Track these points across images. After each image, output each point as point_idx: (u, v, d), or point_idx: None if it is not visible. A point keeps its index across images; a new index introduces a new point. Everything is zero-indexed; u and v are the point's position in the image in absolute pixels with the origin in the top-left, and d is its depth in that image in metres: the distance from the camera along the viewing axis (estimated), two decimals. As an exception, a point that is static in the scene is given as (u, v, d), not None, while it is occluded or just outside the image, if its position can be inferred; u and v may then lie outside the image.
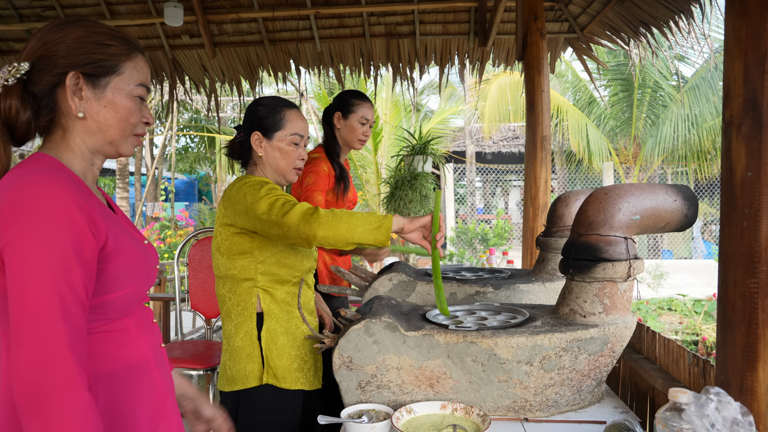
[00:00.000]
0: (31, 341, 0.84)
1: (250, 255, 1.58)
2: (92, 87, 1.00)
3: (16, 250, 0.86)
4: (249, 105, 1.71)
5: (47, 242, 0.87)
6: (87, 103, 1.00)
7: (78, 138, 1.01)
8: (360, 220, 1.42)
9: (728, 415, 0.97)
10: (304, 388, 1.63)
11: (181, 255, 3.27)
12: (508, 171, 14.82)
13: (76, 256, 0.89)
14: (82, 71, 0.98)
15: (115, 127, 1.02)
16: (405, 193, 3.12)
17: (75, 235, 0.90)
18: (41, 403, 0.83)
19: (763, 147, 1.08)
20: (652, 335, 1.70)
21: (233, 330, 1.62)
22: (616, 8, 3.61)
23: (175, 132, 13.10)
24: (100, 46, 0.99)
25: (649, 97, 11.65)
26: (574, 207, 1.99)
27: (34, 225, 0.87)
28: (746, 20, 1.10)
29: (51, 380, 0.83)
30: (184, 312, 6.91)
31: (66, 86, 0.97)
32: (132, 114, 1.03)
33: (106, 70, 1.00)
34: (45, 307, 0.85)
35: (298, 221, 1.42)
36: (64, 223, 0.89)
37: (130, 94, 1.03)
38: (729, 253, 1.16)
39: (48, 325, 0.85)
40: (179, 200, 17.27)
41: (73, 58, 0.97)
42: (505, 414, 1.43)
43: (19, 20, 4.19)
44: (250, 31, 4.21)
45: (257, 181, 1.57)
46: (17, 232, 0.86)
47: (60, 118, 1.00)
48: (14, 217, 0.87)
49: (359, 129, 2.33)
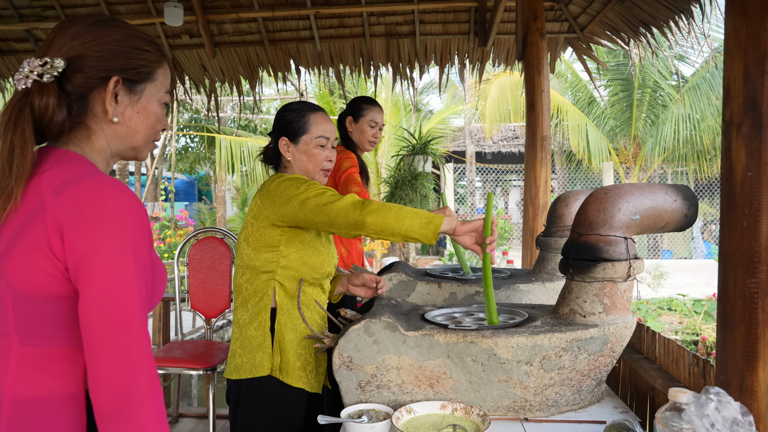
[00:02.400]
0: (119, 348, 0.85)
1: (276, 249, 1.61)
2: (129, 92, 0.98)
3: (102, 259, 0.85)
4: (277, 111, 1.76)
5: (132, 249, 0.87)
6: (122, 108, 0.98)
7: (104, 141, 0.99)
8: (410, 213, 1.44)
9: (728, 415, 0.97)
10: (305, 388, 1.63)
11: (181, 255, 3.27)
12: (508, 171, 14.83)
13: (149, 261, 0.91)
14: (123, 76, 0.96)
15: (143, 133, 1.02)
16: (405, 193, 3.12)
17: (149, 241, 0.91)
18: (128, 407, 0.84)
19: (763, 147, 1.08)
20: (652, 335, 1.70)
21: (247, 319, 1.63)
22: (616, 8, 3.61)
23: (175, 132, 13.10)
24: (140, 52, 0.98)
25: (649, 97, 11.65)
26: (574, 207, 1.99)
27: (118, 231, 0.86)
28: (746, 20, 1.10)
29: (138, 385, 0.85)
30: (184, 312, 6.92)
31: (108, 90, 0.95)
32: (159, 121, 1.03)
33: (143, 77, 0.99)
34: (133, 315, 0.86)
35: (348, 207, 1.47)
36: (141, 229, 0.89)
37: (159, 101, 1.03)
38: (729, 253, 1.16)
39: (136, 331, 0.86)
40: (179, 200, 17.28)
41: (117, 62, 0.95)
42: (505, 414, 1.43)
43: (19, 20, 4.19)
44: (250, 31, 4.21)
45: (297, 177, 1.63)
46: (100, 241, 0.85)
47: (88, 119, 0.97)
48: (93, 225, 0.85)
49: (369, 131, 2.58)
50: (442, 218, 1.43)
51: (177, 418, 3.69)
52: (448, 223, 1.45)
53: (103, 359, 0.84)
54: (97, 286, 0.84)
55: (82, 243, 0.85)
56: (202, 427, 3.57)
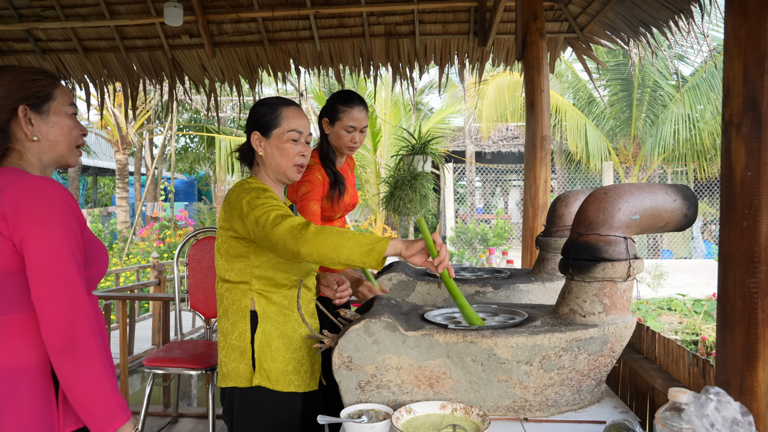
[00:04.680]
0: (62, 297, 1.12)
1: (246, 259, 1.59)
2: (38, 114, 1.24)
3: (38, 231, 1.12)
4: (251, 107, 1.72)
5: (62, 223, 1.14)
6: (37, 128, 1.24)
7: (34, 157, 1.25)
8: (349, 241, 1.38)
9: (728, 415, 0.97)
10: (298, 390, 1.63)
11: (180, 255, 3.26)
12: (507, 171, 14.83)
13: (79, 233, 1.18)
14: (27, 103, 1.22)
15: (63, 142, 1.28)
16: (404, 192, 3.11)
17: (76, 217, 1.18)
18: (74, 343, 1.12)
19: (762, 147, 1.08)
20: (652, 335, 1.70)
21: (229, 328, 1.63)
22: (615, 8, 3.61)
23: (174, 132, 13.10)
24: (33, 82, 1.23)
25: (649, 97, 11.66)
26: (574, 207, 1.99)
27: (47, 210, 1.13)
28: (746, 20, 1.10)
29: (79, 325, 1.12)
30: (183, 312, 6.91)
31: (19, 117, 1.21)
32: (73, 128, 1.29)
33: (44, 99, 1.25)
34: (68, 271, 1.13)
35: (285, 236, 1.40)
36: (66, 207, 1.16)
37: (66, 113, 1.28)
38: (729, 252, 1.16)
39: (73, 284, 1.13)
40: (179, 200, 17.28)
41: (17, 95, 1.21)
42: (504, 414, 1.43)
43: (19, 20, 4.19)
44: (250, 31, 4.21)
45: (256, 188, 1.57)
46: (35, 218, 1.12)
47: (15, 144, 1.23)
48: (28, 208, 1.12)
49: (346, 137, 2.22)
50: (386, 244, 1.39)
51: (177, 418, 3.69)
52: (393, 247, 1.41)
53: (49, 308, 1.11)
54: (37, 252, 1.12)
55: (22, 222, 1.12)
56: (201, 427, 3.57)
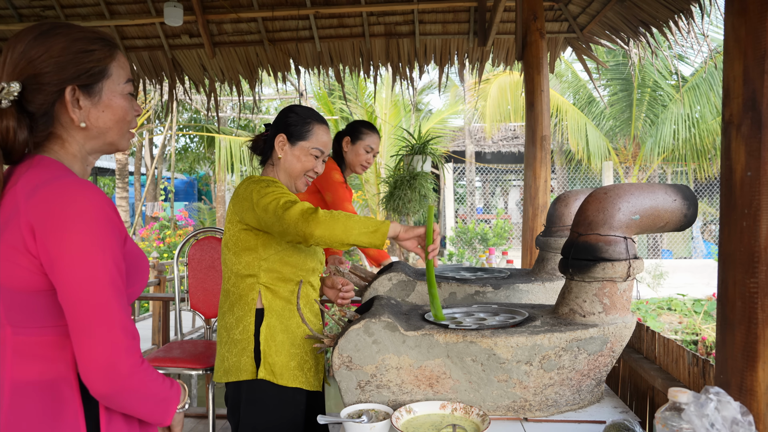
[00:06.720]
0: (101, 333, 0.91)
1: (255, 252, 1.62)
2: (88, 95, 1.01)
3: (71, 255, 0.90)
4: (283, 108, 1.78)
5: (99, 243, 0.92)
6: (86, 112, 1.01)
7: (78, 145, 1.03)
8: (357, 224, 1.48)
9: (728, 415, 0.97)
10: (303, 387, 1.63)
11: (180, 255, 3.26)
12: (507, 171, 14.82)
13: (119, 251, 0.96)
14: (77, 83, 0.99)
15: (114, 129, 1.05)
16: (404, 192, 3.12)
17: (117, 234, 0.96)
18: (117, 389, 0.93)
19: (762, 147, 1.08)
20: (652, 335, 1.70)
21: (234, 323, 1.64)
22: (615, 8, 3.61)
23: (174, 132, 13.10)
24: (87, 54, 1.00)
25: (649, 97, 11.65)
26: (574, 207, 1.99)
27: (82, 229, 0.91)
28: (746, 20, 1.10)
29: (121, 364, 0.92)
30: (183, 312, 6.92)
31: (66, 101, 0.98)
32: (128, 112, 1.06)
33: (97, 77, 1.01)
34: (109, 301, 0.92)
35: (297, 219, 1.47)
36: (108, 223, 0.94)
37: (122, 93, 1.05)
38: (729, 252, 1.16)
39: (112, 321, 0.92)
40: (179, 200, 17.28)
41: (65, 72, 0.98)
42: (504, 414, 1.43)
43: (19, 20, 4.18)
44: (250, 30, 4.20)
45: (265, 180, 1.63)
46: (66, 240, 0.90)
47: (58, 129, 1.01)
48: (59, 227, 0.90)
49: (363, 155, 2.69)
50: (388, 225, 1.50)
51: (176, 418, 3.68)
52: (393, 229, 1.53)
53: (87, 346, 0.91)
54: (69, 280, 0.91)
55: (51, 241, 0.90)
56: (201, 427, 3.57)
